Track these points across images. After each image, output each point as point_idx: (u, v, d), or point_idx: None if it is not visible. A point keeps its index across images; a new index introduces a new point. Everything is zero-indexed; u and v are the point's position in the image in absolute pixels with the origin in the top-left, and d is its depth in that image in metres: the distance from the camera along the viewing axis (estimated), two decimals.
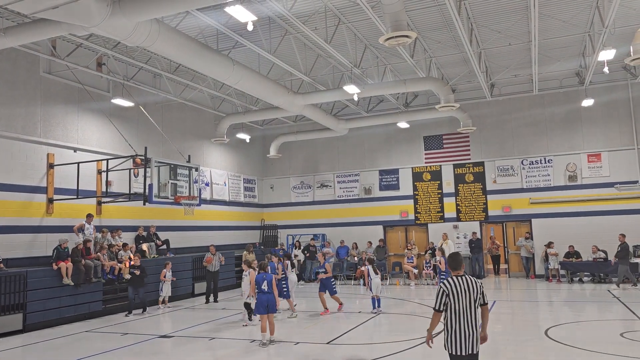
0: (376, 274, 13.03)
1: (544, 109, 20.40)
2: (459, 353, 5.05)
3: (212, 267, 15.81)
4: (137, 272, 13.66)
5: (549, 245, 18.85)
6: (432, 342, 5.41)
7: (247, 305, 11.88)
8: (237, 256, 19.49)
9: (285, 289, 12.95)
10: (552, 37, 15.30)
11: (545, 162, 20.26)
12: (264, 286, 9.68)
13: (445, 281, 5.19)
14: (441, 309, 5.13)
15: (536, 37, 14.06)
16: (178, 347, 9.98)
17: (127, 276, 13.92)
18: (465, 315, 5.06)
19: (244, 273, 12.37)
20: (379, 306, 12.99)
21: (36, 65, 13.93)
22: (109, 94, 16.02)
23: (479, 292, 5.15)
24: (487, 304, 5.26)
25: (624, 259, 16.44)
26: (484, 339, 5.25)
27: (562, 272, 18.56)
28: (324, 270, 13.31)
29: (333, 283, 13.48)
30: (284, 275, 13.12)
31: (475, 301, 5.11)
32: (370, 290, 13.08)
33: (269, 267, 10.43)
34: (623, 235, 16.86)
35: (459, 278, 5.17)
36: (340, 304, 13.30)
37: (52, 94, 14.31)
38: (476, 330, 5.10)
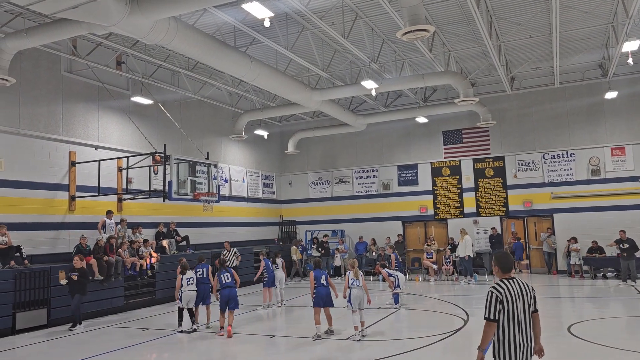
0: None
1: (565, 102, 20.03)
2: None
3: (229, 262, 15.89)
4: (75, 277, 11.42)
5: (572, 240, 18.53)
6: None
7: (181, 312, 10.97)
8: (255, 252, 19.61)
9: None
10: (574, 29, 14.98)
11: (568, 156, 19.91)
12: (323, 280, 10.01)
13: (496, 285, 4.57)
14: (496, 317, 4.46)
15: (557, 29, 13.79)
16: (199, 343, 10.06)
17: (63, 282, 11.52)
18: (519, 323, 4.50)
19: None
20: (396, 302, 13.00)
21: (57, 65, 14.14)
22: (128, 92, 16.19)
23: (531, 296, 4.64)
24: (538, 311, 4.70)
25: (632, 254, 16.35)
26: (540, 351, 4.68)
27: (585, 268, 18.25)
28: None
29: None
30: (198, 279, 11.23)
31: (528, 307, 4.59)
32: (398, 286, 13.03)
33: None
34: (624, 232, 16.72)
35: (511, 281, 4.59)
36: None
37: (73, 93, 14.52)
38: (530, 340, 4.57)
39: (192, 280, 10.96)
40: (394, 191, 22.58)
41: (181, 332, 10.75)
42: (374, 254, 20.89)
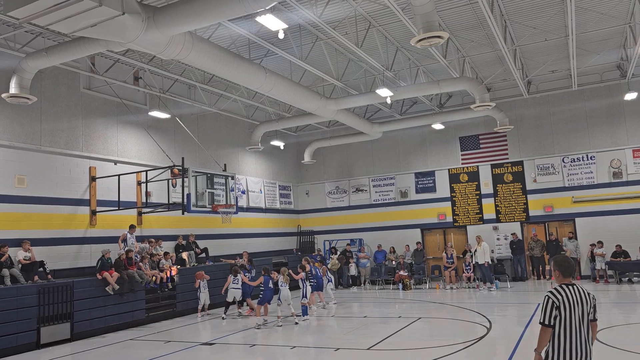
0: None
1: (584, 104, 19.77)
2: None
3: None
4: None
5: (598, 244, 18.12)
6: None
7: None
8: (274, 263, 19.61)
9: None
10: (591, 30, 14.83)
11: (588, 159, 19.61)
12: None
13: (554, 290, 4.50)
14: (551, 323, 4.41)
15: (573, 31, 13.65)
16: (220, 355, 10.08)
17: None
18: (576, 331, 4.38)
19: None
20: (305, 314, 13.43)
21: (77, 82, 14.41)
22: (146, 106, 16.42)
23: (591, 305, 4.51)
24: (597, 320, 4.58)
25: None
26: None
27: (609, 272, 17.88)
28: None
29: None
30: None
31: (587, 315, 4.45)
32: (305, 296, 13.66)
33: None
34: None
35: (570, 287, 4.49)
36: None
37: (92, 109, 14.77)
38: (588, 349, 4.43)
39: (238, 281, 13.80)
40: (411, 199, 22.45)
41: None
42: (393, 262, 20.78)
